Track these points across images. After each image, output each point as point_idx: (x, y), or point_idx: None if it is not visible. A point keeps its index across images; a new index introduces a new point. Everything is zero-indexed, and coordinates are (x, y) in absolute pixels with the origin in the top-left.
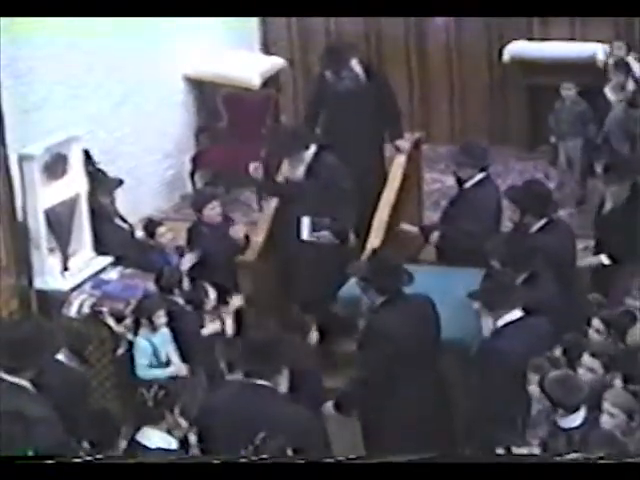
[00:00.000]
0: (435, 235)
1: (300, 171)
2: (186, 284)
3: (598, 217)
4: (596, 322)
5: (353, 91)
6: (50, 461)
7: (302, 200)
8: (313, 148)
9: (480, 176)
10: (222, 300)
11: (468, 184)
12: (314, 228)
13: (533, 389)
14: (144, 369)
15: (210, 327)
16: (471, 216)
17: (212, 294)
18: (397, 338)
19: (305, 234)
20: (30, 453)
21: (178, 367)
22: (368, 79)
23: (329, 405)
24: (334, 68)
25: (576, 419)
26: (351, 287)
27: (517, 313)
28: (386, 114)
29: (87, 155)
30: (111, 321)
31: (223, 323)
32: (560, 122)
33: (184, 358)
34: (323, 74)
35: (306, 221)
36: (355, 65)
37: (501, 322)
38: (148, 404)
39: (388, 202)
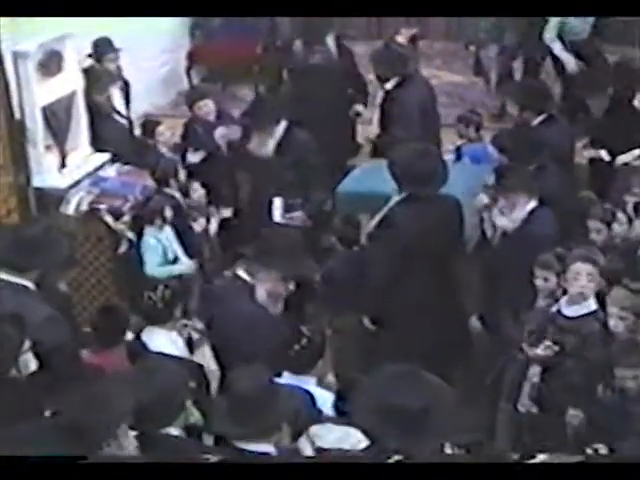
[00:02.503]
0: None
1: (269, 147)
2: (182, 177)
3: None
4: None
5: (324, 66)
6: (51, 461)
7: (272, 178)
8: (283, 123)
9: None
10: (214, 202)
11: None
12: (286, 209)
13: (540, 284)
14: (156, 268)
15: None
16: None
17: (199, 191)
18: (414, 232)
19: (277, 216)
20: None
21: (187, 264)
22: (339, 55)
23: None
24: (308, 41)
25: (581, 309)
26: (350, 183)
27: (533, 203)
28: (354, 87)
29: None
30: (109, 218)
31: (208, 222)
32: None
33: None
34: (292, 46)
35: (278, 202)
36: (330, 41)
37: (527, 208)
38: (158, 305)
39: None
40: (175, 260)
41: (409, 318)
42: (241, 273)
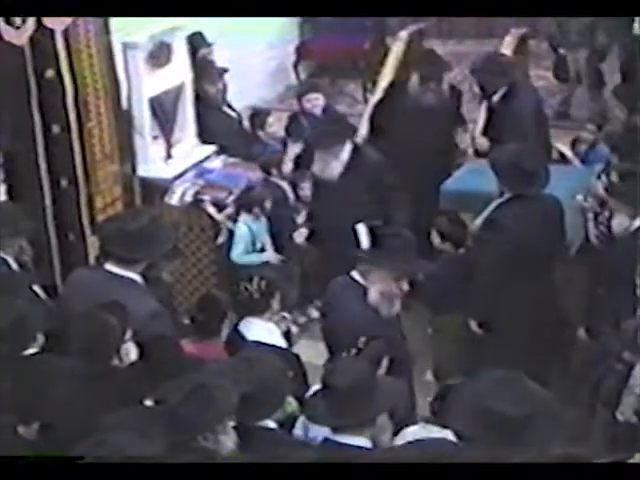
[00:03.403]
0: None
1: (335, 170)
2: (288, 168)
3: None
4: None
5: (435, 106)
6: (52, 461)
7: (342, 202)
8: (349, 145)
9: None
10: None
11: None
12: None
13: None
14: (239, 255)
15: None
16: (511, 133)
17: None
18: (521, 235)
19: (365, 243)
20: None
21: (272, 255)
22: (451, 94)
23: None
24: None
25: None
26: (455, 181)
27: None
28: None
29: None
30: (212, 210)
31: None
32: None
33: (277, 248)
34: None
35: (362, 228)
36: (445, 82)
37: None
38: (254, 296)
39: None
40: (262, 251)
41: (513, 322)
42: (355, 275)
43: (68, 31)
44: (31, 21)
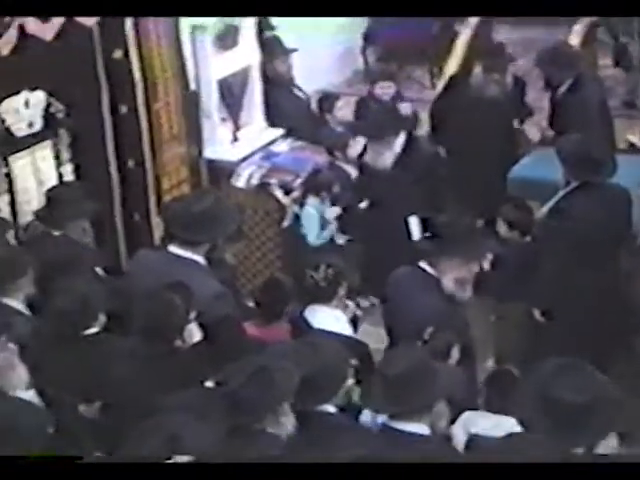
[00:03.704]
0: None
1: (387, 160)
2: (354, 152)
3: None
4: None
5: (498, 97)
6: (52, 461)
7: (395, 195)
8: (402, 135)
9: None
10: None
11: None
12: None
13: None
14: (315, 237)
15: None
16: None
17: None
18: (587, 223)
19: (417, 237)
20: None
21: (340, 239)
22: (515, 85)
23: None
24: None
25: None
26: (522, 169)
27: None
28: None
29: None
30: (279, 193)
31: None
32: None
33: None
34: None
35: (414, 221)
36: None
37: None
38: (320, 284)
39: None
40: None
41: (576, 311)
42: (424, 265)
43: None
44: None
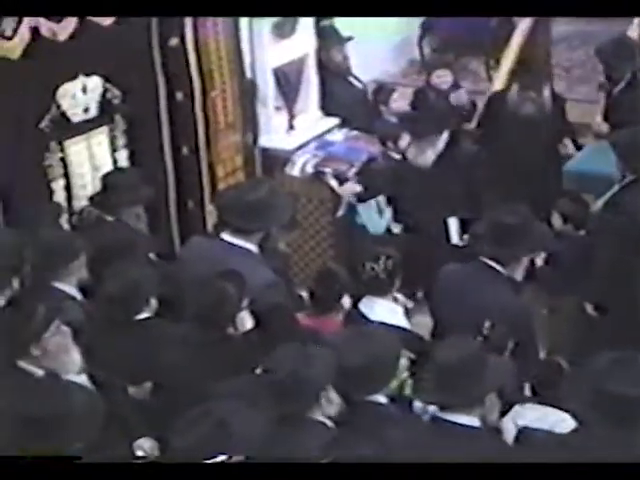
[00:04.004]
0: None
1: (429, 157)
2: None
3: None
4: None
5: (535, 118)
6: (52, 461)
7: (432, 192)
8: (445, 134)
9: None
10: None
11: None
12: (464, 230)
13: None
14: (376, 226)
15: None
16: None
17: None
18: None
19: (455, 239)
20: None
21: (396, 228)
22: (553, 104)
23: None
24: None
25: None
26: (577, 162)
27: None
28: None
29: None
30: (334, 182)
31: None
32: None
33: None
34: (505, 90)
35: (454, 222)
36: (546, 90)
37: None
38: (380, 276)
39: None
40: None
41: (630, 305)
42: (488, 261)
43: None
44: None
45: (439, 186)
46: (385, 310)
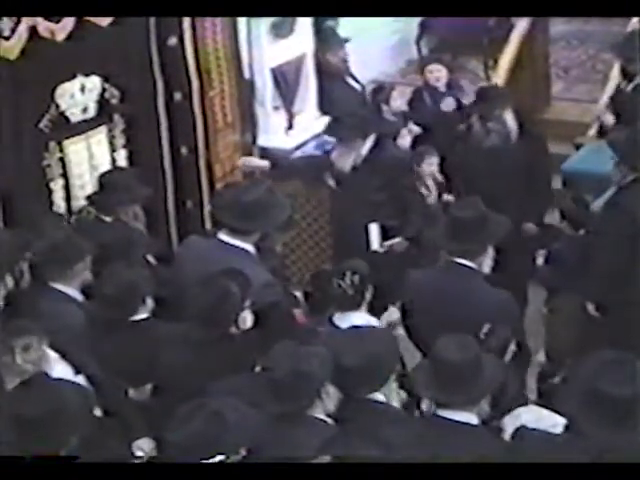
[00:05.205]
0: None
1: (349, 163)
2: (405, 142)
3: None
4: None
5: (500, 148)
6: (51, 461)
7: (359, 200)
8: (372, 137)
9: None
10: None
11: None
12: (385, 236)
13: None
14: None
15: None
16: None
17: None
18: None
19: (375, 244)
20: None
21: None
22: (520, 136)
23: None
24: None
25: None
26: (576, 162)
27: None
28: (534, 180)
29: None
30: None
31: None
32: None
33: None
34: (469, 124)
35: (374, 228)
36: (508, 118)
37: None
38: (347, 292)
39: None
40: None
41: (631, 306)
42: (456, 259)
43: None
44: None
45: (359, 191)
46: (359, 320)
